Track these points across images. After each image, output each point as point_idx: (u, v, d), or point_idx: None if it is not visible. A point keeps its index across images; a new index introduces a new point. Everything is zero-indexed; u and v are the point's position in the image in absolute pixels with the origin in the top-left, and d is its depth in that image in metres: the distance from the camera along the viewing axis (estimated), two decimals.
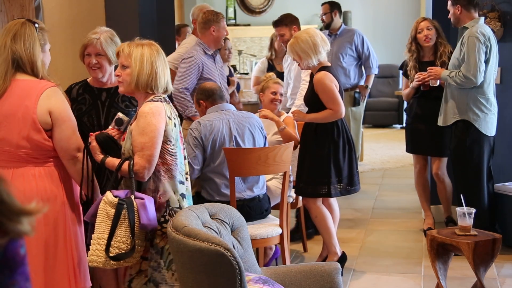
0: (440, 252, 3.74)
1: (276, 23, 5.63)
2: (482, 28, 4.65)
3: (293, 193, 4.58)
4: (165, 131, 2.93)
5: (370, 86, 6.75)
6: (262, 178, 4.06)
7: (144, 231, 2.88)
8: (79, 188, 3.02)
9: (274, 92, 4.69)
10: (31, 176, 2.87)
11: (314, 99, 4.26)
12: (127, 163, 2.88)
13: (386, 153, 9.33)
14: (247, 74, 10.63)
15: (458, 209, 3.71)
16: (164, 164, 2.95)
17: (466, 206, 3.71)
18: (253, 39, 12.21)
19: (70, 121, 2.96)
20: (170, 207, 2.97)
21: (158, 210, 2.94)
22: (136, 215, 2.80)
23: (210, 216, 2.86)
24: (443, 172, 5.27)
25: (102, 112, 3.48)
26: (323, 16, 6.70)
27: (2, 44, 2.89)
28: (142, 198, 2.84)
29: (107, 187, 2.95)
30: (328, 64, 4.32)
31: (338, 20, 6.67)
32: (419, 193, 5.42)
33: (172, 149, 2.97)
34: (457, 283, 4.17)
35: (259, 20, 12.34)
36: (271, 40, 6.30)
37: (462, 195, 3.82)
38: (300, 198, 4.61)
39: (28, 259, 1.27)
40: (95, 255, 2.81)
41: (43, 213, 1.23)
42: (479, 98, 4.69)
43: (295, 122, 4.65)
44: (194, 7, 5.95)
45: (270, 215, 4.13)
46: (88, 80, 3.58)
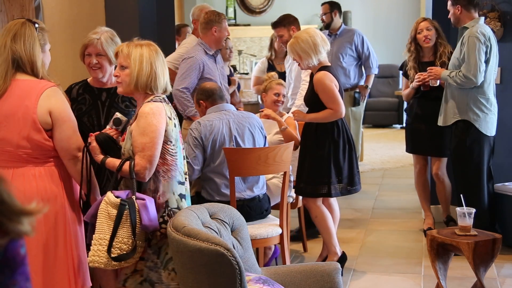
0: (440, 252, 3.74)
1: (274, 24, 5.66)
2: (482, 28, 4.65)
3: (293, 193, 4.58)
4: (165, 131, 2.92)
5: (370, 86, 6.75)
6: (262, 178, 4.06)
7: (144, 231, 2.88)
8: (79, 188, 3.02)
9: (277, 93, 4.71)
10: (31, 176, 2.87)
11: (314, 99, 4.26)
12: (127, 164, 2.88)
13: (386, 153, 9.33)
14: (247, 74, 10.63)
15: (458, 209, 3.71)
16: (164, 164, 2.94)
17: (466, 206, 3.71)
18: (253, 39, 12.21)
19: (70, 121, 2.95)
20: (169, 208, 2.96)
21: (157, 210, 2.92)
22: (137, 216, 2.80)
23: (210, 216, 2.87)
24: (443, 172, 5.27)
25: (102, 112, 3.47)
26: (323, 16, 6.70)
27: (2, 44, 2.89)
28: (143, 199, 2.84)
29: (107, 188, 2.95)
30: (328, 64, 4.32)
31: (338, 20, 6.67)
32: (419, 193, 5.42)
33: (172, 149, 2.96)
34: (457, 283, 4.17)
35: (259, 20, 12.34)
36: (271, 40, 6.31)
37: (462, 195, 3.82)
38: (300, 198, 4.61)
39: (28, 259, 1.27)
40: (97, 256, 2.80)
41: (43, 213, 1.23)
42: (479, 98, 4.69)
43: (296, 122, 4.65)
44: (194, 7, 5.94)
45: (270, 215, 4.13)
46: (88, 80, 3.58)
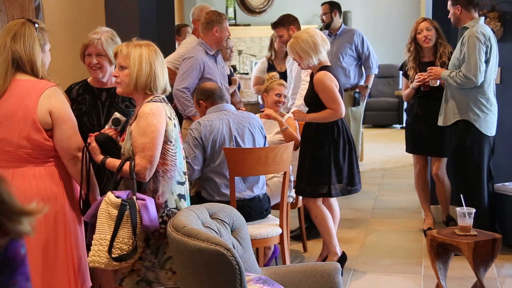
0: (440, 252, 3.74)
1: (274, 25, 5.68)
2: (482, 28, 4.65)
3: (293, 193, 4.58)
4: (165, 131, 2.92)
5: (370, 86, 6.74)
6: (262, 178, 4.06)
7: (145, 232, 2.87)
8: (80, 188, 3.02)
9: (279, 94, 4.72)
10: (32, 176, 2.87)
11: (314, 99, 4.26)
12: (128, 164, 2.87)
13: (386, 153, 9.33)
14: (247, 74, 10.63)
15: (458, 209, 3.70)
16: (163, 164, 2.94)
17: (466, 206, 3.71)
18: (253, 39, 12.21)
19: (71, 121, 2.95)
20: (168, 208, 2.96)
21: (156, 210, 2.92)
22: (138, 216, 2.80)
23: (210, 216, 2.86)
24: (443, 172, 5.27)
25: (102, 112, 3.47)
26: (323, 16, 6.70)
27: (2, 44, 2.89)
28: (144, 199, 2.83)
29: (107, 188, 2.94)
30: (329, 63, 4.32)
31: (338, 20, 6.67)
32: (419, 193, 5.42)
33: (172, 149, 2.96)
34: (457, 283, 4.17)
35: (259, 20, 12.34)
36: (271, 40, 6.31)
37: (462, 195, 3.82)
38: (300, 198, 4.61)
39: (28, 259, 1.27)
40: (97, 256, 2.79)
41: (43, 213, 1.23)
42: (479, 98, 4.69)
43: (296, 123, 4.65)
44: (194, 7, 5.94)
45: (270, 215, 4.13)
46: (88, 80, 3.57)
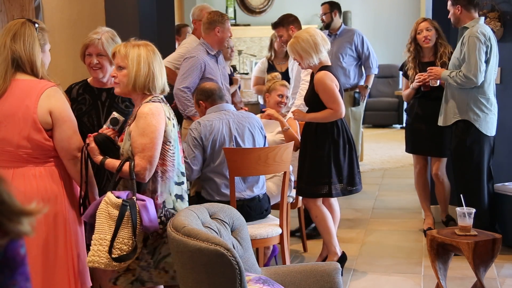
0: (440, 252, 3.74)
1: (274, 25, 5.73)
2: (482, 28, 4.65)
3: (293, 193, 4.58)
4: (165, 131, 2.91)
5: (370, 86, 6.74)
6: (262, 178, 4.06)
7: (143, 232, 2.87)
8: (79, 188, 3.01)
9: (281, 95, 4.74)
10: (32, 176, 2.87)
11: (314, 99, 4.26)
12: (127, 164, 2.86)
13: (386, 153, 9.33)
14: (247, 74, 10.63)
15: (458, 209, 3.70)
16: (162, 165, 2.93)
17: (466, 206, 3.71)
18: (253, 39, 12.21)
19: (71, 121, 2.95)
20: (165, 208, 2.95)
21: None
22: (137, 217, 2.80)
23: (210, 216, 2.86)
24: (443, 172, 5.27)
25: (102, 112, 3.47)
26: (323, 16, 6.70)
27: (2, 44, 2.89)
28: (143, 200, 2.83)
29: (107, 188, 2.93)
30: (329, 63, 4.32)
31: (338, 20, 6.67)
32: (419, 193, 5.42)
33: (171, 149, 2.96)
34: (457, 283, 4.17)
35: (259, 20, 12.35)
36: (271, 40, 6.31)
37: (462, 195, 3.82)
38: (300, 198, 4.61)
39: (28, 259, 1.27)
40: (97, 256, 2.79)
41: (44, 213, 1.23)
42: (480, 98, 4.69)
43: (297, 124, 4.66)
44: (194, 7, 5.94)
45: (270, 215, 4.13)
46: (88, 80, 3.57)
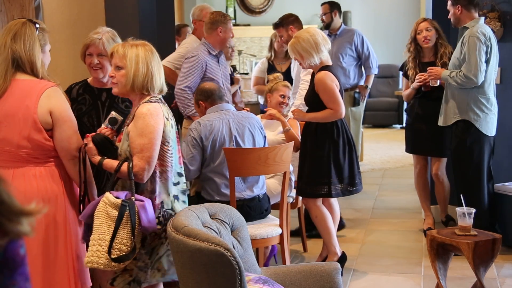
0: (440, 252, 3.74)
1: (274, 26, 5.78)
2: (482, 28, 4.65)
3: (293, 193, 4.58)
4: (163, 132, 2.91)
5: (370, 86, 6.74)
6: (262, 178, 4.06)
7: (142, 232, 2.86)
8: (79, 188, 3.01)
9: (283, 95, 4.76)
10: (32, 176, 2.87)
11: (314, 99, 4.26)
12: (126, 165, 2.85)
13: (386, 153, 9.33)
14: (247, 74, 10.63)
15: (458, 209, 3.70)
16: (161, 165, 2.93)
17: (466, 206, 3.71)
18: (253, 39, 12.21)
19: (71, 121, 2.95)
20: (163, 209, 2.94)
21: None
22: (136, 217, 2.79)
23: (210, 216, 2.86)
24: (443, 172, 5.27)
25: (102, 113, 3.47)
26: (323, 16, 6.70)
27: (2, 44, 2.89)
28: (142, 200, 2.82)
29: (107, 188, 2.93)
30: (330, 63, 4.32)
31: (338, 20, 6.66)
32: (419, 193, 5.42)
33: (169, 150, 2.95)
34: (457, 283, 4.17)
35: (259, 20, 12.35)
36: (271, 40, 6.32)
37: (462, 195, 3.82)
38: (300, 198, 4.61)
39: (28, 259, 1.27)
40: (96, 256, 2.78)
41: (43, 213, 1.23)
42: (480, 98, 4.68)
43: (298, 124, 4.66)
44: (194, 7, 5.94)
45: (270, 215, 4.13)
46: (88, 80, 3.57)
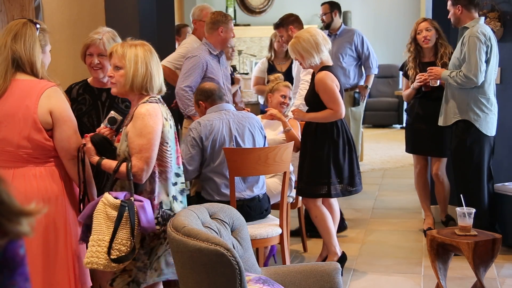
0: (440, 252, 3.74)
1: (275, 26, 5.80)
2: (482, 28, 4.65)
3: (293, 193, 4.58)
4: (162, 132, 2.90)
5: (370, 86, 6.73)
6: (262, 178, 4.06)
7: (142, 233, 2.86)
8: (79, 188, 3.01)
9: (284, 95, 4.75)
10: (32, 176, 2.87)
11: (314, 99, 4.26)
12: (124, 165, 2.85)
13: (386, 153, 9.33)
14: (247, 74, 10.63)
15: (458, 209, 3.70)
16: (160, 166, 2.93)
17: (466, 206, 3.71)
18: (253, 39, 12.21)
19: (71, 121, 2.95)
20: (162, 209, 2.94)
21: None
22: (135, 217, 2.79)
23: (210, 216, 2.86)
24: (443, 172, 5.28)
25: (102, 113, 3.47)
26: (323, 16, 6.70)
27: (3, 44, 2.89)
28: (141, 201, 2.82)
29: (105, 188, 2.92)
30: (330, 63, 4.32)
31: (338, 20, 6.66)
32: (419, 193, 5.42)
33: (168, 150, 2.95)
34: (457, 283, 4.17)
35: (259, 20, 12.35)
36: (271, 40, 6.32)
37: (462, 195, 3.82)
38: (300, 198, 4.61)
39: (28, 259, 1.27)
40: (95, 257, 2.77)
41: (43, 213, 1.23)
42: (480, 98, 4.68)
43: (298, 124, 4.66)
44: (194, 7, 5.94)
45: (270, 215, 4.13)
46: (88, 80, 3.57)
